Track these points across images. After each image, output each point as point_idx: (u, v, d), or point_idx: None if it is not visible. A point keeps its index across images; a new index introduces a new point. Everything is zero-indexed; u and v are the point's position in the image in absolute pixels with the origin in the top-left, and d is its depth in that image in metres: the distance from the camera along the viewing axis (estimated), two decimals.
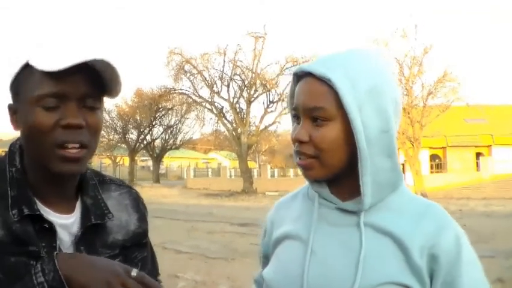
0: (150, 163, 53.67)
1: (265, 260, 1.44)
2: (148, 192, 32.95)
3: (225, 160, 66.76)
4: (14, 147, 1.21)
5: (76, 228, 1.20)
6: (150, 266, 1.38)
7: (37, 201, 1.15)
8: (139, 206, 1.41)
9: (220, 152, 71.10)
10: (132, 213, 1.37)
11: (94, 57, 1.08)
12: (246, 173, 32.30)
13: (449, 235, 1.16)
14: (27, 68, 1.11)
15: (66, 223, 1.19)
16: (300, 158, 1.21)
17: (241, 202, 25.93)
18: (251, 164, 41.12)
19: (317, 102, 1.16)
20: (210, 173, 48.26)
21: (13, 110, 1.15)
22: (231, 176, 42.23)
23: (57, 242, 1.15)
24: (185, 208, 21.68)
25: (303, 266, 1.21)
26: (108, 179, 1.39)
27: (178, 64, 33.38)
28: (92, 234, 1.21)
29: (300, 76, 1.22)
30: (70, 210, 1.21)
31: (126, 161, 50.99)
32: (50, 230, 1.14)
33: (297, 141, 1.19)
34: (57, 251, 1.12)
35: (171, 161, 68.06)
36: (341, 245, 1.20)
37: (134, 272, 1.04)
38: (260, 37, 31.94)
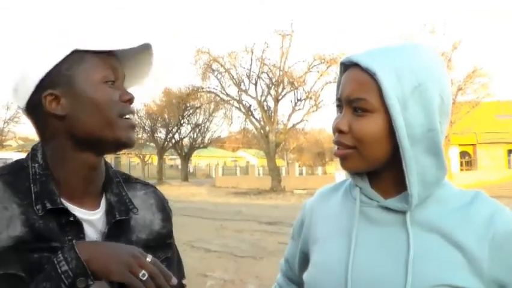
0: (178, 162, 54.10)
1: (293, 241, 1.46)
2: (176, 190, 33.25)
3: (253, 158, 67.02)
4: (37, 146, 1.23)
5: (101, 224, 1.21)
6: (175, 268, 1.36)
7: (61, 197, 1.15)
8: (164, 206, 1.42)
9: (249, 150, 71.40)
10: (157, 212, 1.37)
11: (149, 41, 1.23)
12: (274, 171, 32.28)
13: (506, 219, 1.11)
14: (74, 54, 1.17)
15: (92, 219, 1.19)
16: (338, 148, 1.18)
17: (270, 200, 25.94)
18: (279, 162, 41.15)
19: (360, 93, 1.13)
20: (238, 172, 48.47)
21: (54, 96, 1.16)
22: (259, 174, 42.33)
23: (85, 235, 1.16)
24: (213, 206, 21.79)
25: (346, 268, 1.16)
26: (133, 179, 1.41)
27: (205, 63, 33.54)
28: (117, 231, 1.22)
29: (347, 66, 1.19)
30: (94, 206, 1.22)
31: (155, 159, 51.52)
32: (76, 224, 1.15)
33: (337, 130, 1.17)
34: None
35: (199, 160, 68.57)
36: (386, 246, 1.15)
37: (149, 258, 1.08)
38: (287, 35, 31.87)
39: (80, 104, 1.16)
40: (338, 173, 29.76)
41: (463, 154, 38.34)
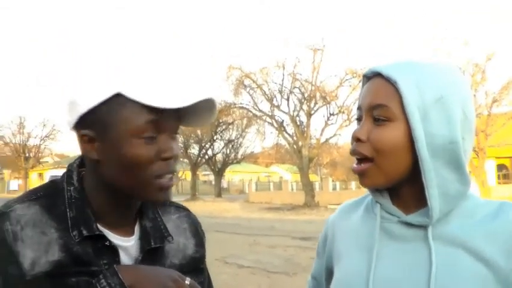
0: (212, 177, 54.30)
1: (319, 258, 1.43)
2: (210, 206, 33.32)
3: (287, 173, 66.84)
4: (72, 167, 1.21)
5: (135, 251, 1.20)
6: None
7: (97, 222, 1.14)
8: (197, 230, 1.40)
9: (282, 166, 71.30)
10: (190, 237, 1.36)
11: (210, 95, 1.12)
12: (307, 186, 32.12)
13: None
14: (118, 97, 1.08)
15: (126, 245, 1.18)
16: (356, 162, 1.15)
17: (303, 216, 25.79)
18: (313, 177, 40.95)
19: (380, 100, 1.11)
20: (271, 187, 48.36)
21: (89, 138, 1.11)
22: (292, 189, 42.17)
23: (120, 260, 1.15)
24: (247, 222, 21.74)
25: (366, 285, 1.13)
26: (167, 202, 1.34)
27: (237, 79, 33.71)
28: (151, 258, 1.20)
29: (369, 78, 1.18)
30: (129, 232, 1.21)
31: (188, 175, 51.77)
32: (111, 249, 1.14)
33: (355, 139, 1.15)
34: None
35: (233, 175, 68.78)
36: (408, 262, 1.11)
37: (187, 281, 1.10)
38: (319, 49, 31.84)
39: (112, 155, 1.09)
40: None
41: (500, 167, 37.49)
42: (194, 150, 44.98)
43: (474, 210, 1.12)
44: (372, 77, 1.17)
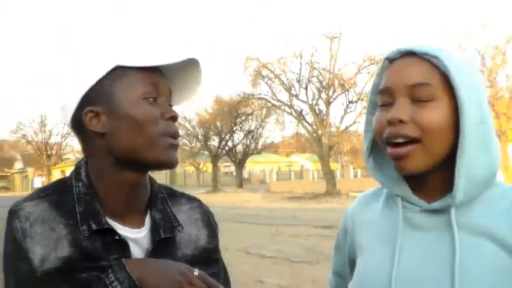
0: (233, 168, 54.32)
1: (339, 251, 1.41)
2: (231, 197, 33.40)
3: (307, 162, 66.57)
4: (80, 164, 1.23)
5: (146, 242, 1.21)
6: (222, 284, 1.34)
7: (106, 216, 1.15)
8: (209, 220, 1.40)
9: (302, 155, 70.99)
10: (202, 228, 1.36)
11: (195, 56, 1.21)
12: (328, 175, 31.96)
13: None
14: (117, 69, 1.16)
15: (136, 237, 1.19)
16: (395, 145, 1.08)
17: (325, 204, 25.70)
18: (333, 165, 40.69)
19: (422, 78, 1.06)
20: (292, 176, 48.23)
21: (94, 113, 1.16)
22: (313, 178, 41.96)
23: (130, 255, 1.16)
24: (268, 212, 21.73)
25: (389, 277, 1.10)
26: (178, 193, 1.39)
27: (255, 70, 33.59)
28: (162, 249, 1.21)
29: (392, 60, 1.13)
30: (139, 224, 1.22)
31: (209, 167, 51.86)
32: (121, 242, 1.15)
33: (396, 121, 1.07)
34: None
35: (254, 166, 68.66)
36: (431, 251, 1.08)
37: (196, 272, 1.11)
38: (335, 37, 31.58)
39: (119, 122, 1.14)
40: None
41: None
42: (214, 142, 44.97)
43: (500, 197, 1.08)
44: (398, 58, 1.12)
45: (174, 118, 1.19)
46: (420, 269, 1.08)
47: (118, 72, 1.17)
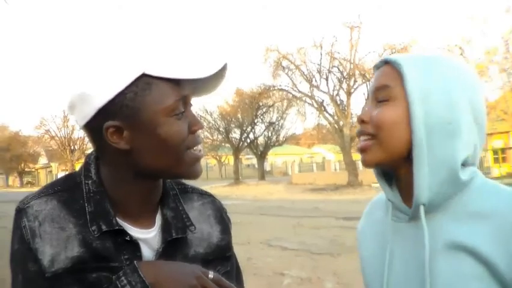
0: (255, 161, 54.43)
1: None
2: (253, 190, 33.49)
3: (329, 153, 66.39)
4: (90, 159, 1.18)
5: (156, 242, 1.17)
6: (235, 281, 1.31)
7: (116, 216, 1.12)
8: (222, 216, 1.36)
9: (324, 146, 70.83)
10: (214, 224, 1.32)
11: (227, 60, 1.11)
12: (350, 166, 31.85)
13: None
14: (142, 78, 1.05)
15: (147, 237, 1.16)
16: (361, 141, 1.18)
17: (347, 195, 25.64)
18: (355, 156, 40.52)
19: (383, 82, 1.16)
20: (314, 168, 48.10)
21: (117, 128, 1.06)
22: (335, 169, 41.84)
23: (141, 255, 1.13)
24: (290, 204, 21.75)
25: (382, 285, 1.17)
26: (190, 188, 1.34)
27: (275, 61, 33.56)
28: (173, 248, 1.18)
29: (378, 69, 1.22)
30: (150, 223, 1.18)
31: (231, 160, 52.07)
32: (132, 243, 1.12)
33: (359, 121, 1.19)
34: None
35: (275, 158, 68.78)
36: (413, 262, 1.11)
37: (211, 274, 1.07)
38: (356, 27, 31.37)
39: (145, 139, 1.07)
40: None
41: None
42: (235, 134, 45.10)
43: (480, 205, 1.07)
44: (381, 67, 1.21)
45: (200, 128, 1.14)
46: (407, 279, 1.13)
47: (144, 81, 1.05)
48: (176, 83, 1.07)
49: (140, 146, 1.08)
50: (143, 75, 1.05)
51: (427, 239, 1.07)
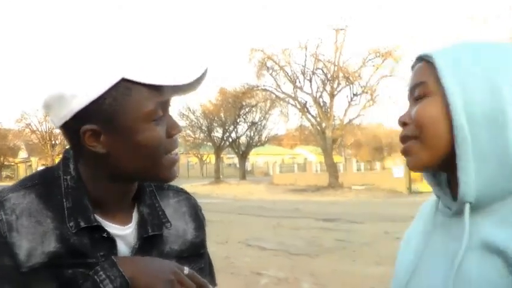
0: (236, 160, 54.39)
1: None
2: (234, 189, 33.50)
3: (311, 155, 66.56)
4: (69, 154, 1.17)
5: (132, 239, 1.17)
6: (208, 278, 1.31)
7: (94, 212, 1.12)
8: (197, 214, 1.37)
9: (306, 147, 71.02)
10: (189, 221, 1.33)
11: (207, 65, 1.10)
12: (331, 167, 32.00)
13: None
14: (121, 83, 1.03)
15: (123, 234, 1.16)
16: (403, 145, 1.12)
17: (327, 197, 25.77)
18: (337, 158, 40.74)
19: (417, 79, 1.10)
20: (296, 169, 48.21)
21: (94, 132, 1.05)
22: (317, 170, 41.93)
23: (117, 252, 1.13)
24: (271, 204, 21.80)
25: (407, 281, 1.12)
26: (166, 185, 1.34)
27: (259, 61, 33.62)
28: (149, 245, 1.18)
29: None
30: (126, 220, 1.19)
31: (212, 158, 51.97)
32: (109, 240, 1.12)
33: (400, 124, 1.12)
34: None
35: (257, 157, 68.74)
36: (446, 253, 1.04)
37: (186, 270, 1.08)
38: (341, 29, 31.53)
39: (123, 144, 1.06)
40: (396, 168, 29.22)
41: None
42: (218, 133, 45.12)
43: None
44: (415, 65, 1.15)
45: (178, 132, 1.13)
46: (434, 271, 1.07)
47: (124, 86, 1.03)
48: (156, 88, 1.06)
49: (118, 151, 1.07)
50: (123, 80, 1.03)
51: (467, 235, 1.00)
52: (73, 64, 1.07)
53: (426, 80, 1.07)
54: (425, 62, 1.09)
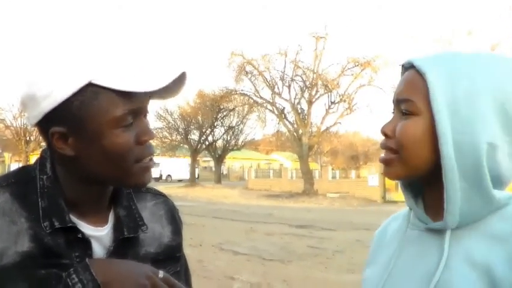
0: (212, 164, 54.34)
1: None
2: (209, 192, 33.42)
3: (287, 161, 66.86)
4: (46, 154, 1.16)
5: (108, 240, 1.16)
6: (184, 282, 1.31)
7: (69, 212, 1.10)
8: (174, 217, 1.36)
9: (282, 153, 71.33)
10: (166, 225, 1.31)
11: (183, 69, 1.08)
12: (306, 174, 32.13)
13: None
14: (89, 87, 1.01)
15: (99, 235, 1.15)
16: (384, 154, 1.12)
17: (302, 203, 25.86)
18: (313, 165, 40.96)
19: (406, 94, 1.07)
20: (271, 174, 48.34)
21: (62, 134, 1.04)
22: (292, 177, 42.11)
23: (92, 253, 1.12)
24: (245, 209, 21.80)
25: None
26: (144, 188, 1.31)
27: (239, 65, 33.66)
28: (124, 247, 1.17)
29: (406, 69, 1.12)
30: (102, 221, 1.17)
31: (188, 161, 51.78)
32: (84, 241, 1.10)
33: (383, 134, 1.11)
34: None
35: (233, 162, 68.83)
36: (419, 270, 1.04)
37: (161, 274, 1.07)
38: (321, 37, 31.74)
39: (90, 149, 1.04)
40: (371, 177, 29.50)
41: None
42: (194, 136, 45.01)
43: (501, 223, 0.99)
44: (409, 68, 1.11)
45: (150, 138, 1.10)
46: (408, 278, 1.07)
47: (91, 91, 1.02)
48: (126, 94, 1.03)
49: (85, 155, 1.05)
50: (91, 85, 1.01)
51: (446, 250, 1.00)
52: (46, 65, 1.06)
53: (413, 99, 1.04)
54: (416, 73, 1.06)
